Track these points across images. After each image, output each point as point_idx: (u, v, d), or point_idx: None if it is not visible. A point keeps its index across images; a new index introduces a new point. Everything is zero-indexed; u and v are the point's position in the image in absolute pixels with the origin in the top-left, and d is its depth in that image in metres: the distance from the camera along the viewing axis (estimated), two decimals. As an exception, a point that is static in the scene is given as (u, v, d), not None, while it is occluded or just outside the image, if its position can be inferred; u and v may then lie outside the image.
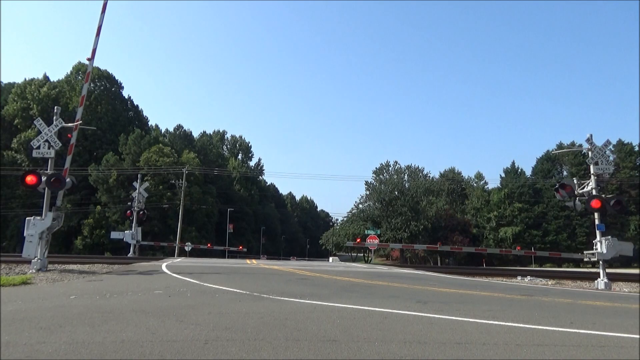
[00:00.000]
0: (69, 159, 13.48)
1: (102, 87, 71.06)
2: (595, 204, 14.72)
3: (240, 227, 76.06)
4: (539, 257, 63.00)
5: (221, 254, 49.06)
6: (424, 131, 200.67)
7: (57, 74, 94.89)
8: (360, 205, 79.18)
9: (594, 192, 15.24)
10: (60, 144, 13.52)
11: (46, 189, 12.81)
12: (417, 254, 70.58)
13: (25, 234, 12.23)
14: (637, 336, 4.46)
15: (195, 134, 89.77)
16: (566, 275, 18.28)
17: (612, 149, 67.83)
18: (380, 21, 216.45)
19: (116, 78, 73.44)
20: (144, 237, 32.79)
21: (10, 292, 7.33)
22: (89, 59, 14.60)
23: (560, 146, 74.73)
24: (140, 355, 3.23)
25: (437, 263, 70.37)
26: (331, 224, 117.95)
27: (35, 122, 14.27)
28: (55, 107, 14.21)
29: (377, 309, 5.75)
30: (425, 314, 5.50)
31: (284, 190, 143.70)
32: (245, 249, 48.10)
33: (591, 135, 15.86)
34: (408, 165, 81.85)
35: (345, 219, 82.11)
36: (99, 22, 14.45)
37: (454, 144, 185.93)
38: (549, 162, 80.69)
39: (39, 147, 13.22)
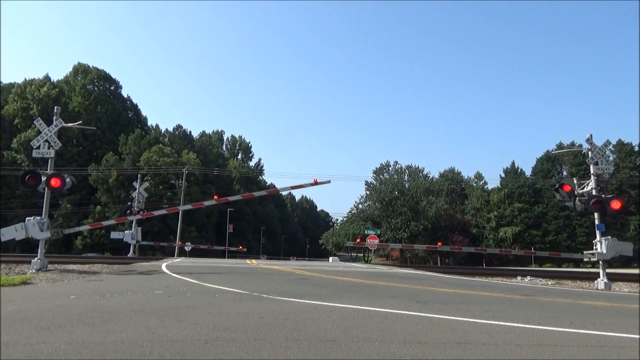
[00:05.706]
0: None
1: (101, 88, 71.10)
2: (595, 204, 14.72)
3: (240, 227, 76.12)
4: (539, 257, 63.07)
5: (221, 254, 48.99)
6: (424, 131, 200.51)
7: (57, 74, 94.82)
8: (360, 205, 79.32)
9: (594, 192, 15.24)
10: (60, 144, 13.56)
11: (46, 189, 12.84)
12: (417, 254, 70.58)
13: (20, 223, 12.31)
14: (637, 336, 4.46)
15: (195, 134, 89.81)
16: (566, 275, 18.27)
17: (612, 149, 67.92)
18: (380, 21, 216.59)
19: (115, 78, 73.65)
20: (144, 237, 32.79)
21: (10, 292, 7.33)
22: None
23: (560, 146, 74.82)
24: (140, 355, 3.23)
25: (437, 263, 70.34)
26: (331, 224, 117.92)
27: (35, 122, 14.29)
28: (55, 107, 14.24)
29: (377, 309, 5.75)
30: (425, 314, 5.50)
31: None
32: (245, 249, 47.98)
33: (591, 135, 15.85)
34: (408, 165, 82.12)
35: (345, 219, 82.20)
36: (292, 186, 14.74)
37: (454, 144, 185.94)
38: (549, 162, 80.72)
39: (39, 147, 13.25)
